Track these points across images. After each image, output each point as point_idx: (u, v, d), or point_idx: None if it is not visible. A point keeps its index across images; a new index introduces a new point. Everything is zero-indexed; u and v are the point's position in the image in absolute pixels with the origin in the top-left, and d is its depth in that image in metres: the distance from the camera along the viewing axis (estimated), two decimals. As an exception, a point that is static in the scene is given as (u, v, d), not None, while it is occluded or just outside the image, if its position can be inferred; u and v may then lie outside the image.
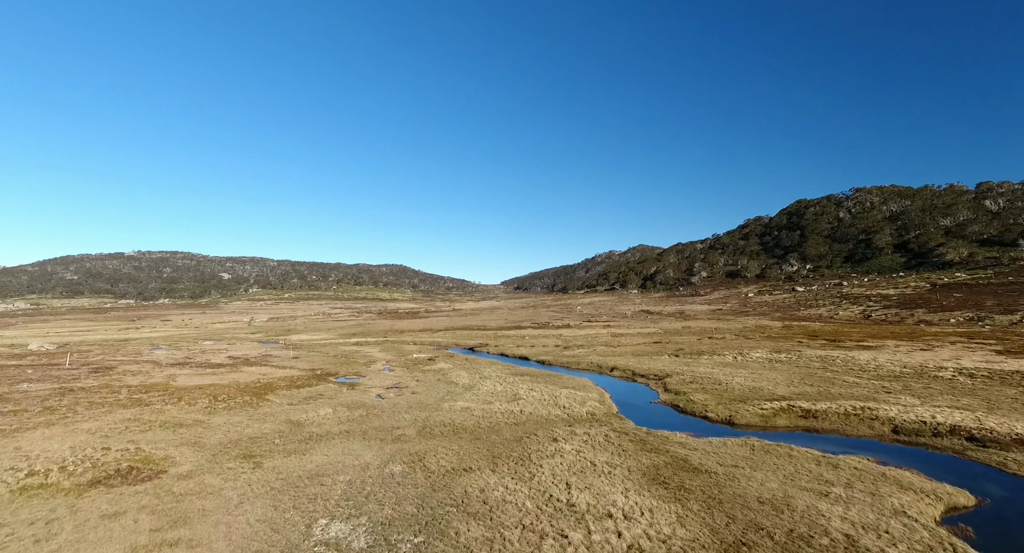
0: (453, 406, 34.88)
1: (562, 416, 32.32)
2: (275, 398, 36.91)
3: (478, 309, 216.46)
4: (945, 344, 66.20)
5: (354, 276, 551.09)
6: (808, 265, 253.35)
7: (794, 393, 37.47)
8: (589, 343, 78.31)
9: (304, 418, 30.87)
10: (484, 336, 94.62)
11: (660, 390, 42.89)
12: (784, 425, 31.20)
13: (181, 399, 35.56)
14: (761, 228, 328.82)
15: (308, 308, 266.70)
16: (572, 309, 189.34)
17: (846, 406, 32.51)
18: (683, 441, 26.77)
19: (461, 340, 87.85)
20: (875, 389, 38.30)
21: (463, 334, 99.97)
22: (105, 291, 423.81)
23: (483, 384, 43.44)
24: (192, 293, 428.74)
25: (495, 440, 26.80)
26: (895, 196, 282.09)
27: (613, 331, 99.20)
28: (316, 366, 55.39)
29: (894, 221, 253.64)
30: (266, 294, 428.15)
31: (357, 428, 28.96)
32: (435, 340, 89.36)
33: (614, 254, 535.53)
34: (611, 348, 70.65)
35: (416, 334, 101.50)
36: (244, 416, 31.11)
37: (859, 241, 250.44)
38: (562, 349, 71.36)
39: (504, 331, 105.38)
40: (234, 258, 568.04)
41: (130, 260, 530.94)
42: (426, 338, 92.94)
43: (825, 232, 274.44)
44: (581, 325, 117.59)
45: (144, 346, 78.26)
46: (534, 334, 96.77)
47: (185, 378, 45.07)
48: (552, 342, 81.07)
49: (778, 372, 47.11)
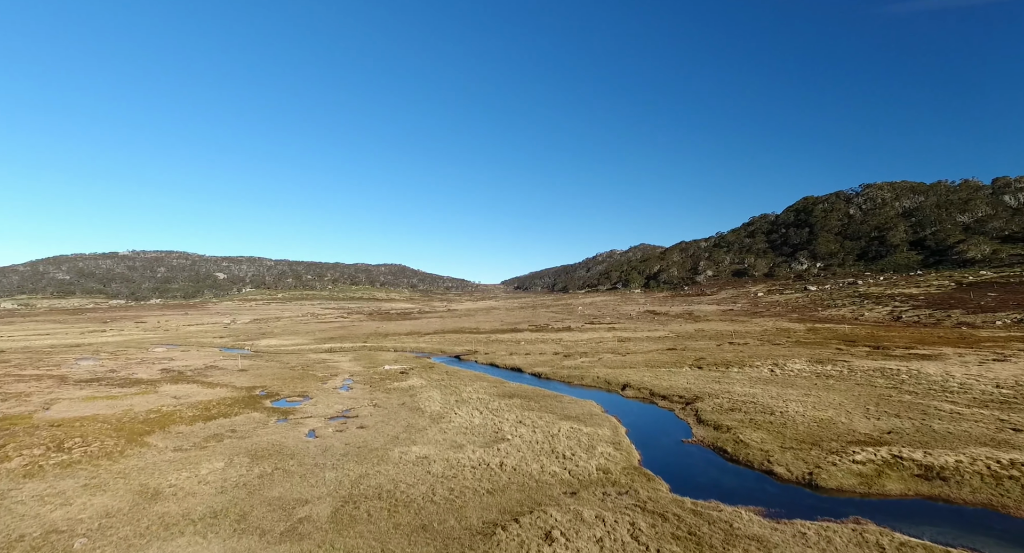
0: (406, 454, 24.39)
1: (561, 475, 21.78)
2: (162, 440, 26.42)
3: (474, 309, 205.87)
4: (1015, 351, 55.73)
5: (351, 276, 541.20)
6: (818, 263, 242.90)
7: (882, 431, 26.98)
8: (593, 350, 67.82)
9: (170, 483, 20.35)
10: (475, 341, 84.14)
11: (691, 420, 32.37)
12: (897, 491, 20.65)
13: (13, 444, 25.09)
14: (768, 226, 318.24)
15: (299, 309, 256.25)
16: (573, 310, 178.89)
17: (980, 459, 22.02)
18: (758, 532, 16.30)
19: (448, 346, 77.40)
20: (991, 423, 27.80)
21: (452, 338, 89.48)
22: (97, 291, 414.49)
23: (458, 412, 32.94)
24: (185, 293, 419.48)
25: (452, 533, 16.34)
26: (908, 192, 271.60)
27: (619, 335, 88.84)
28: (259, 383, 44.91)
29: (908, 217, 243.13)
30: (259, 294, 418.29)
31: (241, 505, 18.47)
32: (419, 346, 78.86)
33: (615, 253, 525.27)
34: (619, 357, 60.12)
35: (400, 338, 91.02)
36: (80, 479, 20.63)
37: (872, 238, 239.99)
38: (562, 358, 60.87)
39: (497, 335, 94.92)
40: (230, 258, 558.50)
41: (124, 260, 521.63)
42: (410, 343, 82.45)
43: (836, 229, 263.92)
44: (583, 328, 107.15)
45: (77, 354, 67.76)
46: (531, 338, 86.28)
47: (70, 404, 34.60)
48: (551, 349, 70.58)
49: (838, 393, 36.59)
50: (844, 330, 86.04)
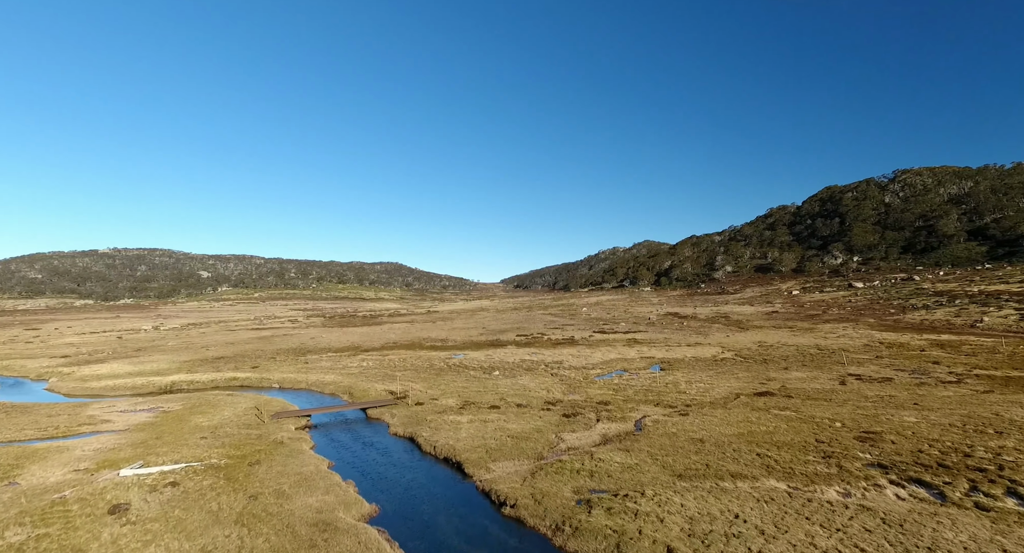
0: None
1: None
2: None
3: (458, 311, 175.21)
4: None
5: (339, 274, 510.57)
6: (855, 256, 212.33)
7: None
8: (622, 395, 37.50)
9: None
10: (426, 366, 54.03)
11: None
12: None
13: None
14: (789, 217, 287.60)
15: (265, 309, 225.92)
16: (576, 311, 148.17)
17: None
18: None
19: (366, 382, 46.66)
20: None
21: (392, 361, 59.13)
22: (69, 291, 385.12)
23: None
24: (159, 292, 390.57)
25: None
26: (951, 177, 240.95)
27: (648, 353, 58.43)
28: None
29: (958, 204, 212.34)
30: (235, 293, 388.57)
31: None
32: (323, 381, 48.45)
33: (618, 250, 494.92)
34: (681, 420, 29.73)
35: (319, 361, 60.94)
36: None
37: (917, 228, 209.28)
38: (563, 427, 30.31)
39: (468, 352, 64.60)
40: (219, 256, 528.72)
41: (103, 257, 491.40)
42: (312, 375, 52.07)
43: (872, 219, 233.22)
44: (592, 339, 76.58)
45: None
46: (512, 361, 55.90)
47: None
48: (540, 393, 40.13)
49: None
50: (1013, 350, 55.39)
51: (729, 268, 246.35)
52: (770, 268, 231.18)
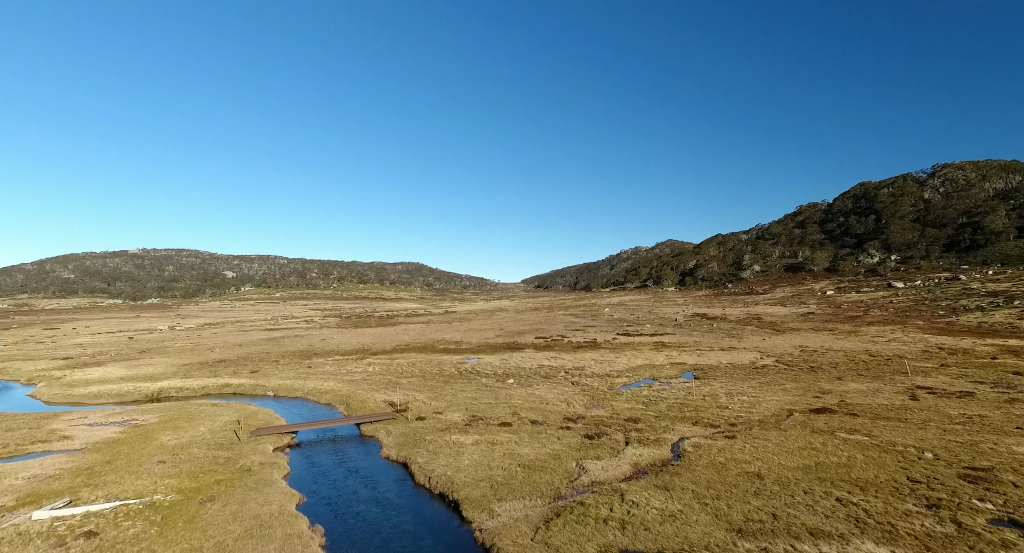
0: None
1: None
2: None
3: (476, 312, 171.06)
4: None
5: (360, 274, 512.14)
6: (893, 255, 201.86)
7: None
8: (659, 411, 32.59)
9: None
10: (435, 372, 49.78)
11: None
12: None
13: None
14: (820, 214, 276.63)
15: (284, 309, 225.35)
16: (598, 312, 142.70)
17: None
18: None
19: (369, 391, 42.55)
20: None
21: (400, 366, 55.00)
22: (100, 290, 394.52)
23: None
24: (185, 292, 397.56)
25: None
26: (998, 171, 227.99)
27: (678, 358, 53.15)
28: None
29: (1006, 199, 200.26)
30: (257, 293, 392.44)
31: None
32: (323, 389, 44.52)
33: (640, 250, 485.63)
34: (727, 443, 24.77)
35: (324, 364, 57.24)
36: None
37: (961, 225, 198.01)
38: (588, 448, 25.64)
39: (482, 356, 60.15)
40: (244, 256, 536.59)
41: (132, 258, 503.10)
42: (312, 382, 48.28)
43: (911, 216, 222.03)
44: (616, 342, 71.44)
45: None
46: (530, 367, 51.25)
47: None
48: (559, 403, 35.46)
49: None
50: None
51: (757, 267, 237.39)
52: (801, 267, 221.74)
